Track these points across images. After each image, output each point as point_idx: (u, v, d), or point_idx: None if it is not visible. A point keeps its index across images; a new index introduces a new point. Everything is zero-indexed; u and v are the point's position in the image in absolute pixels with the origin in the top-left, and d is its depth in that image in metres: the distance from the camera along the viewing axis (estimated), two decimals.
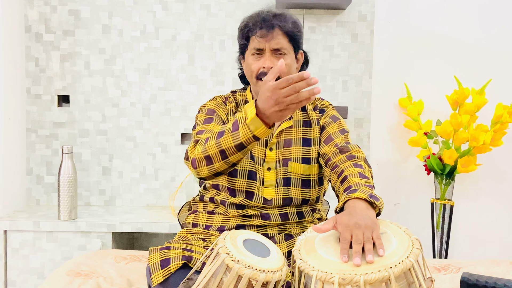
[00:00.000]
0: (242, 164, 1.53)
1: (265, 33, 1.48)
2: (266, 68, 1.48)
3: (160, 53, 2.46)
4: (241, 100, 1.62)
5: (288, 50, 1.51)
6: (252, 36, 1.51)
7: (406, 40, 2.53)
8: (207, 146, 1.36)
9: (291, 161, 1.54)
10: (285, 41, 1.50)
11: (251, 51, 1.52)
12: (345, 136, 1.55)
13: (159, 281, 1.33)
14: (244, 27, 1.53)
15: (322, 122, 1.59)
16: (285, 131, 1.57)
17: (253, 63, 1.51)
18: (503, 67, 2.53)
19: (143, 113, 2.48)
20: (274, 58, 1.49)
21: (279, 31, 1.49)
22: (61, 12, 2.44)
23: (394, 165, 2.59)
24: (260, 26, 1.48)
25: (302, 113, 1.60)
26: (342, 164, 1.44)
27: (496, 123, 2.34)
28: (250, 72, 1.53)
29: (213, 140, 1.36)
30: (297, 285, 1.15)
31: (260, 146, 1.55)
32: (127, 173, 2.50)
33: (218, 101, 1.61)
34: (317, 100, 1.64)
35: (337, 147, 1.49)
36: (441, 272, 1.74)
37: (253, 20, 1.51)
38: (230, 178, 1.53)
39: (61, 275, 1.63)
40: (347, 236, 1.13)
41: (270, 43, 1.48)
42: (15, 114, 2.39)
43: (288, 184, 1.54)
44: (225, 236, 1.21)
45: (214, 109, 1.58)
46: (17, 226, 2.19)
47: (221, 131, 1.35)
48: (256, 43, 1.50)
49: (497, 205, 2.61)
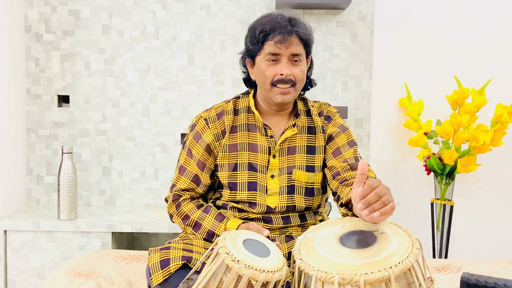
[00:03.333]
0: (241, 176, 1.53)
1: (282, 39, 1.44)
2: (284, 75, 1.45)
3: (160, 53, 2.46)
4: (243, 107, 1.57)
5: (303, 56, 1.49)
6: (268, 41, 1.46)
7: (406, 40, 2.53)
8: (183, 227, 1.57)
9: (295, 168, 1.53)
10: (301, 47, 1.47)
11: (266, 57, 1.47)
12: (354, 149, 1.53)
13: (159, 282, 1.33)
14: (260, 31, 1.46)
15: (329, 132, 1.55)
16: (289, 138, 1.55)
17: (267, 69, 1.47)
18: (503, 67, 2.53)
19: (143, 113, 2.48)
20: (290, 65, 1.46)
21: (297, 37, 1.45)
22: (61, 12, 2.44)
23: (394, 165, 2.59)
24: (279, 31, 1.44)
25: (307, 118, 1.57)
26: (352, 179, 1.44)
27: (496, 123, 2.34)
28: (264, 78, 1.48)
29: (189, 228, 1.55)
30: (297, 285, 1.15)
31: (263, 153, 1.53)
32: (127, 173, 2.50)
33: (212, 115, 1.57)
34: (323, 105, 1.61)
35: (347, 163, 1.47)
36: (441, 272, 1.74)
37: (270, 25, 1.45)
38: (231, 192, 1.54)
39: (61, 275, 1.63)
40: (374, 184, 1.16)
41: (289, 49, 1.45)
42: (15, 114, 2.39)
43: (292, 192, 1.53)
44: (225, 236, 1.21)
45: (200, 132, 1.56)
46: (17, 226, 2.19)
47: (197, 224, 1.53)
48: (273, 48, 1.45)
49: (497, 205, 2.60)
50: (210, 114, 1.58)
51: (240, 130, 1.55)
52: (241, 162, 1.53)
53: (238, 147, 1.54)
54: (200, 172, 1.56)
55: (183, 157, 1.60)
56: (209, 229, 1.50)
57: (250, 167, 1.53)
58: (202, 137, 1.55)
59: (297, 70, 1.47)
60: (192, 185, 1.57)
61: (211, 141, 1.55)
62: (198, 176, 1.56)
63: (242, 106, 1.58)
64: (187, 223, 1.53)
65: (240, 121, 1.56)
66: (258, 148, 1.53)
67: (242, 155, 1.53)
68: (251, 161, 1.53)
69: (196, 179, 1.56)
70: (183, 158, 1.60)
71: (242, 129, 1.55)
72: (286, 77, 1.45)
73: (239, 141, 1.54)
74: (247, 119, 1.56)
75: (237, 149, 1.53)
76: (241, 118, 1.56)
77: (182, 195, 1.57)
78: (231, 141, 1.54)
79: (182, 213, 1.55)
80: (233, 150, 1.54)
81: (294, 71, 1.47)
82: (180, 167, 1.60)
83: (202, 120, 1.58)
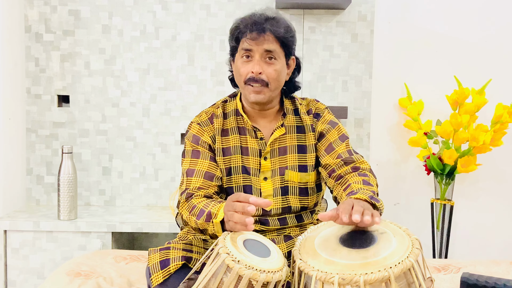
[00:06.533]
0: (236, 180, 1.51)
1: (255, 36, 1.43)
2: (255, 73, 1.44)
3: (160, 53, 2.46)
4: (231, 110, 1.56)
5: (279, 55, 1.46)
6: (242, 38, 1.46)
7: (406, 40, 2.53)
8: (189, 218, 1.43)
9: (288, 169, 1.52)
10: (276, 45, 1.45)
11: (241, 53, 1.47)
12: (346, 143, 1.52)
13: (158, 282, 1.33)
14: (235, 29, 1.48)
15: (319, 129, 1.54)
16: (279, 139, 1.53)
17: (241, 66, 1.47)
18: (503, 67, 2.53)
19: (143, 113, 2.48)
20: (263, 63, 1.45)
21: (271, 35, 1.44)
22: (61, 12, 2.44)
23: (394, 165, 2.59)
24: (251, 28, 1.44)
25: (295, 117, 1.56)
26: (347, 175, 1.45)
27: (496, 123, 2.34)
28: (239, 75, 1.48)
29: (193, 217, 1.41)
30: (297, 285, 1.15)
31: (254, 156, 1.52)
32: (127, 173, 2.50)
33: (203, 119, 1.55)
34: (311, 102, 1.59)
35: (341, 159, 1.47)
36: (441, 272, 1.74)
37: (244, 23, 1.46)
38: (228, 196, 1.52)
39: (61, 275, 1.63)
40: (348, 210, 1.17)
41: (261, 46, 1.44)
42: (15, 114, 2.39)
43: (286, 193, 1.52)
44: (226, 236, 1.21)
45: (198, 135, 1.53)
46: (17, 226, 2.19)
47: (201, 211, 1.38)
48: (246, 45, 1.45)
49: (497, 205, 2.60)
50: (201, 119, 1.56)
51: (232, 133, 1.53)
52: (235, 166, 1.51)
53: (231, 151, 1.52)
54: (210, 164, 1.50)
55: (188, 162, 1.53)
56: (209, 210, 1.37)
57: (244, 170, 1.51)
58: (201, 138, 1.53)
59: (270, 69, 1.45)
60: (205, 183, 1.49)
61: (210, 143, 1.53)
62: (209, 172, 1.49)
63: (231, 109, 1.56)
64: (193, 212, 1.43)
65: (230, 124, 1.54)
66: (249, 151, 1.52)
67: (235, 159, 1.52)
68: (245, 165, 1.52)
69: (208, 175, 1.49)
70: (187, 163, 1.53)
71: (233, 132, 1.53)
72: (256, 76, 1.44)
73: (232, 144, 1.53)
74: (236, 122, 1.54)
75: (230, 153, 1.52)
76: (230, 122, 1.54)
77: (195, 193, 1.48)
78: (224, 144, 1.53)
79: (190, 205, 1.45)
80: (227, 154, 1.52)
81: (266, 70, 1.45)
82: (187, 170, 1.51)
83: (195, 124, 1.55)
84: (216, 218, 1.32)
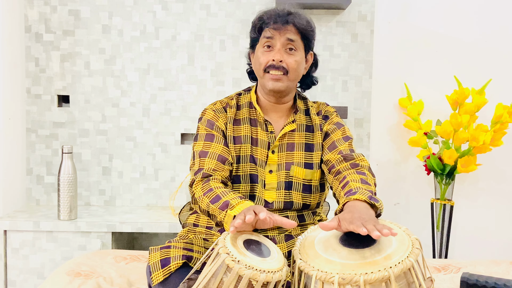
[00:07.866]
0: (243, 168, 1.53)
1: (279, 26, 1.48)
2: (275, 61, 1.48)
3: (160, 53, 2.46)
4: (245, 103, 1.60)
5: (299, 47, 1.52)
6: (265, 28, 1.50)
7: (406, 40, 2.53)
8: (201, 198, 1.43)
9: (294, 165, 1.54)
10: (297, 36, 1.50)
11: (262, 42, 1.51)
12: (349, 143, 1.56)
13: (159, 280, 1.33)
14: (258, 19, 1.53)
15: (326, 129, 1.59)
16: (288, 134, 1.56)
17: (262, 56, 1.51)
18: (503, 67, 2.53)
19: (143, 113, 2.48)
20: (284, 53, 1.49)
21: (293, 26, 1.49)
22: (61, 12, 2.44)
23: (394, 165, 2.59)
24: (274, 20, 1.49)
25: (305, 117, 1.60)
26: (345, 171, 1.46)
27: (496, 123, 2.34)
28: (259, 64, 1.52)
29: (207, 199, 1.41)
30: (297, 285, 1.15)
31: (262, 148, 1.54)
32: (127, 173, 2.50)
33: (218, 107, 1.59)
34: (321, 105, 1.64)
35: (341, 155, 1.50)
36: (441, 272, 1.74)
37: (268, 14, 1.51)
38: (234, 185, 1.53)
39: (61, 275, 1.63)
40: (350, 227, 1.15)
41: (283, 36, 1.48)
42: (15, 114, 2.39)
43: (290, 188, 1.53)
44: (226, 236, 1.21)
45: (213, 120, 1.56)
46: (17, 226, 2.19)
47: (218, 197, 1.38)
48: (268, 33, 1.49)
49: (497, 205, 2.60)
50: (216, 107, 1.59)
51: (243, 123, 1.57)
52: (244, 155, 1.54)
53: (241, 139, 1.55)
54: (223, 148, 1.51)
55: (201, 144, 1.53)
56: (228, 200, 1.35)
57: (251, 160, 1.54)
58: (215, 123, 1.56)
59: (290, 59, 1.49)
60: (219, 165, 1.49)
61: (224, 129, 1.56)
62: (222, 155, 1.50)
63: (245, 101, 1.61)
64: (208, 195, 1.41)
65: (243, 115, 1.58)
66: (259, 143, 1.55)
67: (245, 147, 1.55)
68: (253, 154, 1.54)
69: (221, 158, 1.50)
70: (200, 145, 1.53)
71: (245, 122, 1.57)
72: (277, 63, 1.48)
73: (243, 134, 1.56)
74: (249, 113, 1.58)
75: (240, 141, 1.55)
76: (243, 113, 1.58)
77: (213, 174, 1.47)
78: (235, 133, 1.56)
79: (207, 187, 1.44)
80: (238, 142, 1.55)
81: (287, 59, 1.49)
82: (200, 152, 1.51)
83: (210, 110, 1.59)
84: (233, 210, 1.32)
